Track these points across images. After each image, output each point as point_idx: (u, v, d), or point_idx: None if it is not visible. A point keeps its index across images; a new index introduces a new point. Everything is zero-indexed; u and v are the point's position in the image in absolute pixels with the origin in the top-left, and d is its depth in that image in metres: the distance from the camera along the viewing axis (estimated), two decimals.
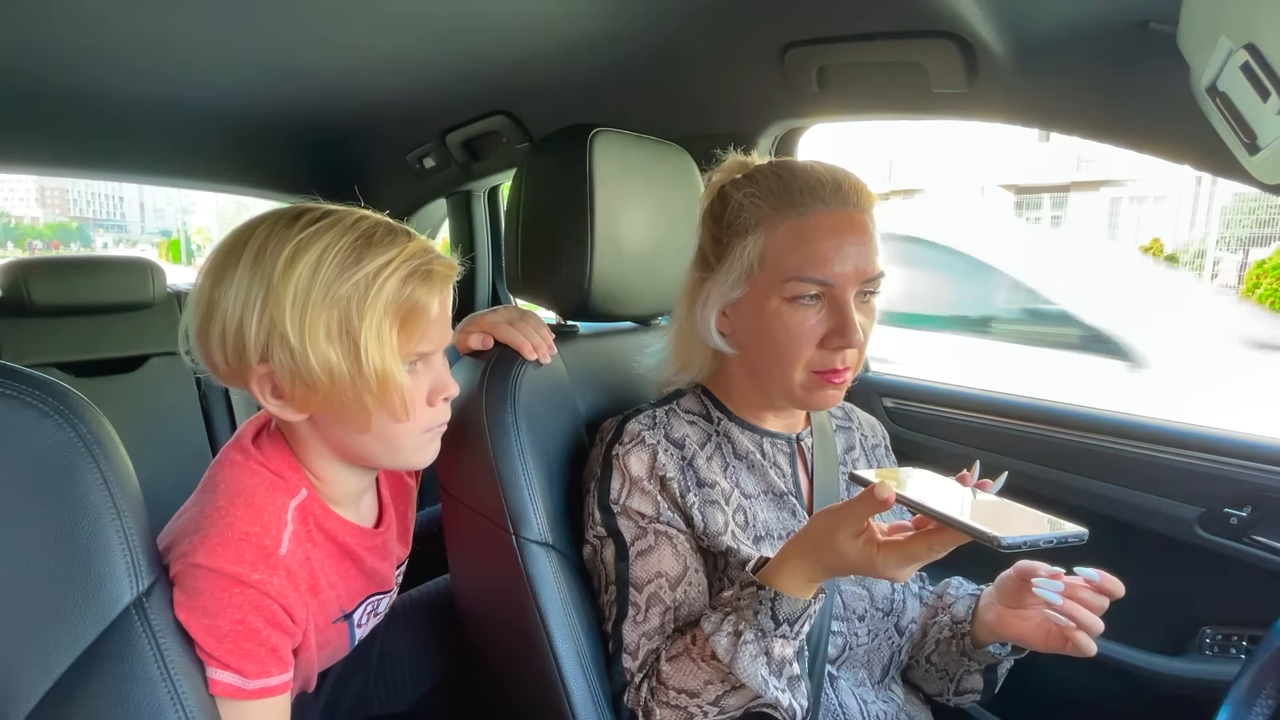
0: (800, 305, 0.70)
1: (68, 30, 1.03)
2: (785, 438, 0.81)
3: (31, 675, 0.47)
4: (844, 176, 0.72)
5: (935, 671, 0.83)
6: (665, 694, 0.67)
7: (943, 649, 0.81)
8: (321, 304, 0.59)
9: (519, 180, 0.90)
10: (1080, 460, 1.07)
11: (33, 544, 0.48)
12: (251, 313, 0.59)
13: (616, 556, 0.73)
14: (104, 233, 46.12)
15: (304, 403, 0.62)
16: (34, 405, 0.50)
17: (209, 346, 0.62)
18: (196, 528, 0.59)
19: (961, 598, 0.82)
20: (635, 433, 0.74)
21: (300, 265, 0.59)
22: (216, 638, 0.57)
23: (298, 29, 1.06)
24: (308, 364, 0.59)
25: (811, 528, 0.61)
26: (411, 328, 0.63)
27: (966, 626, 0.79)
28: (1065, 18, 0.80)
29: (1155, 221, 13.24)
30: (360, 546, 0.73)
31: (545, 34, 1.08)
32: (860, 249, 0.69)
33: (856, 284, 0.70)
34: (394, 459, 0.70)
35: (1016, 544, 0.47)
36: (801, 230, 0.70)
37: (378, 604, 0.80)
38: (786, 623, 0.61)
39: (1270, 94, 0.50)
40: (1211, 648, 0.99)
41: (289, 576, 0.62)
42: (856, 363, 0.73)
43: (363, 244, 0.61)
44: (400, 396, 0.63)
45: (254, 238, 0.61)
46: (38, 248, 33.89)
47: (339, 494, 0.71)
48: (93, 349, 1.59)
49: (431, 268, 0.64)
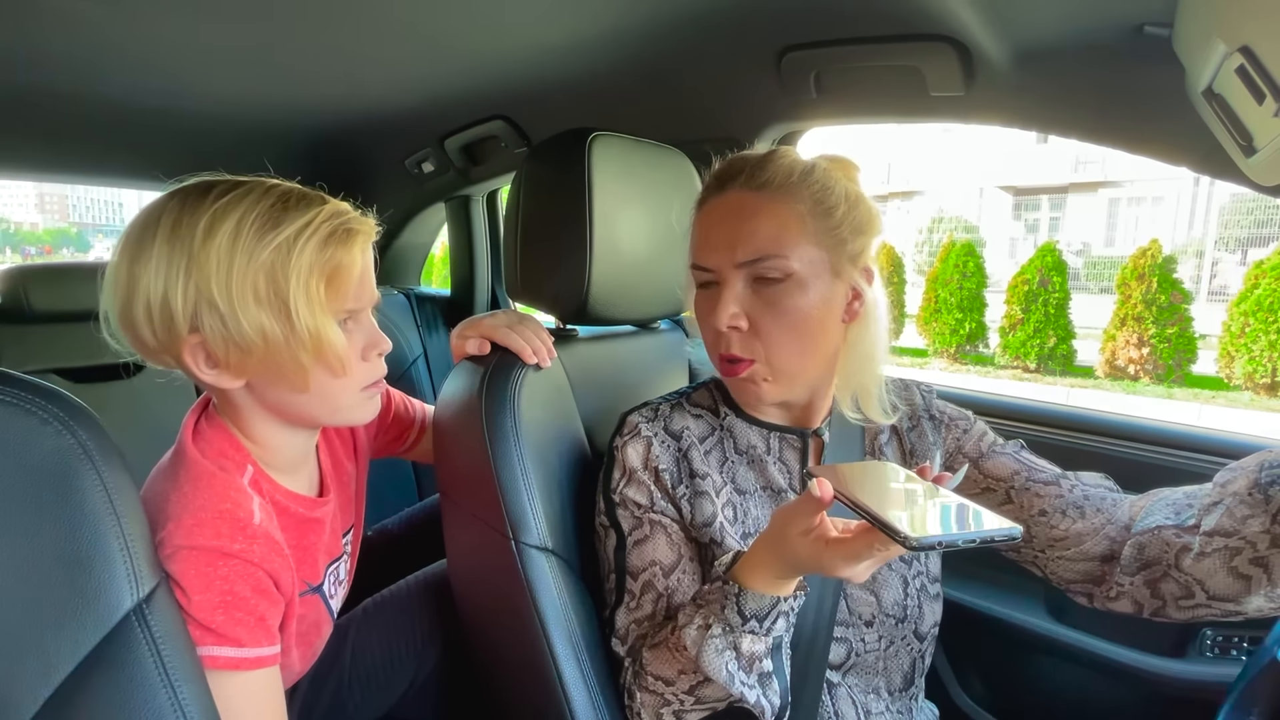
0: (701, 289, 0.73)
1: (66, 37, 1.03)
2: (797, 432, 0.79)
3: (32, 682, 0.47)
4: (744, 159, 0.71)
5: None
6: (645, 679, 0.68)
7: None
8: (246, 269, 0.60)
9: (518, 184, 0.90)
10: (1081, 462, 1.07)
11: (33, 551, 0.48)
12: (175, 284, 0.60)
13: (616, 545, 0.74)
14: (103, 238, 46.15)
15: (240, 368, 0.63)
16: (34, 412, 0.50)
17: (135, 324, 0.62)
18: (166, 517, 0.60)
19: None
20: (634, 425, 0.76)
21: (220, 233, 0.60)
22: (208, 610, 0.58)
23: (296, 36, 1.06)
24: (239, 328, 0.60)
25: (770, 525, 0.61)
26: (337, 286, 0.65)
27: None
28: (1061, 21, 0.80)
29: (1153, 222, 13.26)
30: (311, 515, 0.75)
31: (543, 39, 1.08)
32: (738, 227, 0.68)
33: (734, 265, 0.68)
34: (334, 416, 0.71)
35: (930, 543, 0.46)
36: (698, 219, 0.74)
37: (338, 570, 0.82)
38: (755, 619, 0.61)
39: (1265, 97, 0.50)
40: (1213, 649, 0.99)
41: (268, 542, 0.64)
42: (763, 357, 0.69)
43: (279, 208, 0.62)
44: (335, 353, 0.64)
45: (166, 213, 0.61)
46: (31, 253, 33.91)
47: (282, 461, 0.72)
48: (91, 355, 1.59)
49: (350, 226, 0.65)
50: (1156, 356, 6.98)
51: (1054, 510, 0.72)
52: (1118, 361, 7.21)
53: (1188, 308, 6.87)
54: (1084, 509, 0.71)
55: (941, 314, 8.37)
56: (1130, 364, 7.13)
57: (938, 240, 12.42)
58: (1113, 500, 0.71)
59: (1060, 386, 7.39)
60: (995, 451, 0.79)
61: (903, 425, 0.83)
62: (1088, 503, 0.71)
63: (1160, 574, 0.63)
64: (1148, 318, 6.92)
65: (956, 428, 0.82)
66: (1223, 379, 6.81)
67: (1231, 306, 6.61)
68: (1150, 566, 0.64)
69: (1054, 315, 7.53)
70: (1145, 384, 7.08)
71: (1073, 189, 14.54)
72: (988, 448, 0.80)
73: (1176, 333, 6.88)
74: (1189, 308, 6.88)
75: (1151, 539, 0.64)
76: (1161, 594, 0.64)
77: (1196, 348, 6.97)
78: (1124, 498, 0.72)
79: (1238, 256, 11.48)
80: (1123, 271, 7.12)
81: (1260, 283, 6.30)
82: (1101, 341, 7.35)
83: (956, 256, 8.24)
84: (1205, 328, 7.08)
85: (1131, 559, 0.65)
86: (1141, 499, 0.69)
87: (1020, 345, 7.68)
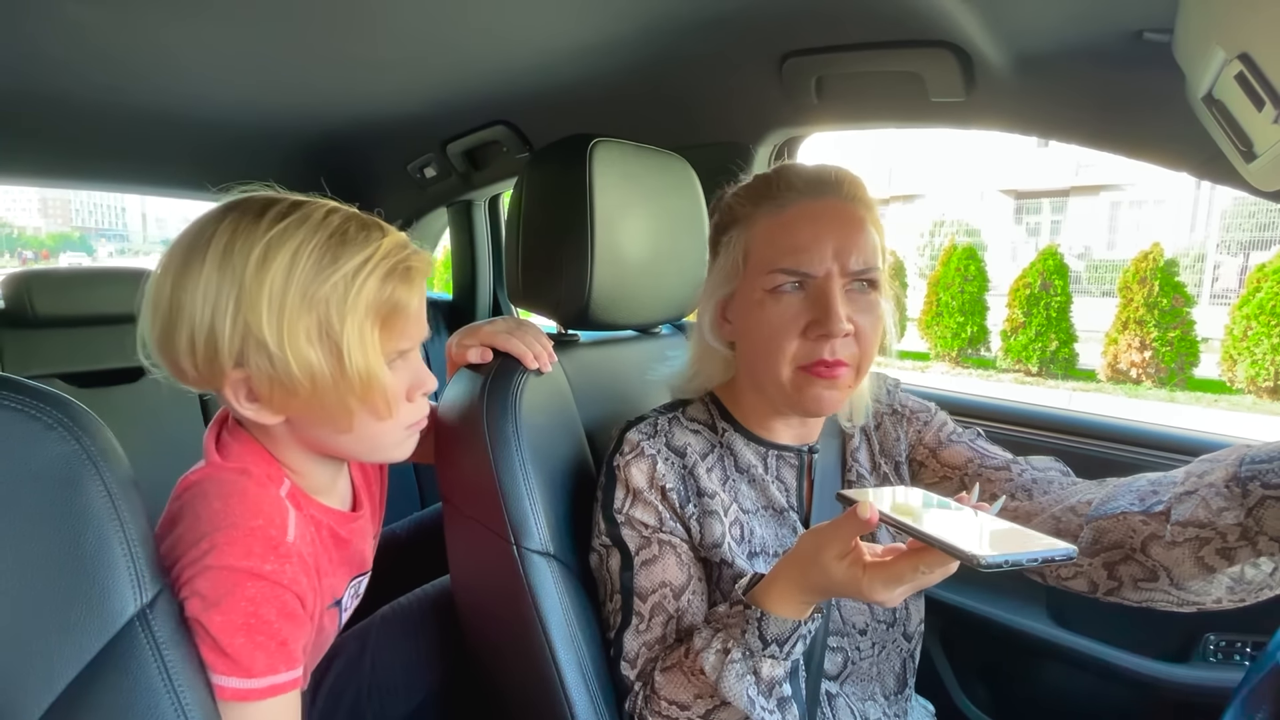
0: (781, 294, 0.69)
1: (69, 44, 1.04)
2: (795, 450, 0.79)
3: (35, 688, 0.47)
4: (829, 170, 0.72)
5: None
6: (658, 704, 0.67)
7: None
8: (300, 307, 0.56)
9: (519, 190, 0.90)
10: (1083, 465, 1.07)
11: (37, 556, 0.48)
12: (224, 316, 0.56)
13: (621, 566, 0.73)
14: (106, 243, 46.29)
15: (282, 406, 0.60)
16: (38, 418, 0.50)
17: (175, 353, 0.58)
18: (198, 535, 0.57)
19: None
20: (635, 443, 0.74)
21: (274, 265, 0.56)
22: (229, 632, 0.55)
23: (299, 41, 1.06)
24: (288, 369, 0.57)
25: (799, 548, 0.60)
26: (393, 326, 0.61)
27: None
28: (1061, 28, 0.81)
29: (1155, 225, 13.24)
30: (344, 531, 0.72)
31: (545, 44, 1.08)
32: (843, 237, 0.68)
33: (841, 273, 0.68)
34: (373, 455, 0.69)
35: (997, 562, 0.46)
36: (779, 222, 0.71)
37: (359, 585, 0.80)
38: (775, 643, 0.61)
39: (1265, 103, 0.50)
40: (1216, 654, 0.98)
41: (300, 563, 0.61)
42: (858, 361, 0.70)
43: (337, 241, 0.59)
44: (384, 396, 0.61)
45: (218, 234, 0.57)
46: (28, 257, 33.96)
47: (315, 484, 0.70)
48: (95, 360, 1.59)
49: (410, 264, 0.62)
50: (1159, 360, 6.97)
51: (1003, 494, 0.73)
52: (1120, 365, 7.20)
53: (1190, 311, 6.87)
54: (1031, 491, 0.72)
55: (943, 318, 8.38)
56: (1132, 367, 7.12)
57: (939, 244, 12.42)
58: (1061, 483, 0.73)
59: (1063, 390, 7.39)
60: (952, 440, 0.81)
61: (869, 426, 0.85)
62: (1035, 486, 0.73)
63: (1121, 557, 0.64)
64: (1150, 321, 6.92)
65: (918, 420, 0.84)
66: (1225, 382, 6.80)
67: (1234, 310, 6.60)
68: (1111, 549, 0.64)
69: (1056, 319, 7.54)
70: (1147, 387, 7.07)
71: (1074, 192, 14.53)
72: (946, 437, 0.82)
73: (1178, 336, 6.88)
74: (1191, 311, 6.87)
75: (1116, 524, 0.64)
76: (1119, 576, 0.64)
77: (1199, 351, 6.96)
78: (1076, 481, 0.73)
79: (1240, 260, 11.46)
80: (1124, 275, 7.12)
81: (1262, 286, 6.29)
82: (1103, 345, 7.35)
83: (958, 260, 8.25)
84: (1208, 331, 7.08)
85: (1091, 541, 0.65)
86: (1095, 484, 0.70)
87: (1022, 349, 7.68)
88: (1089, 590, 0.67)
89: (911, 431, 0.83)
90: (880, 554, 0.56)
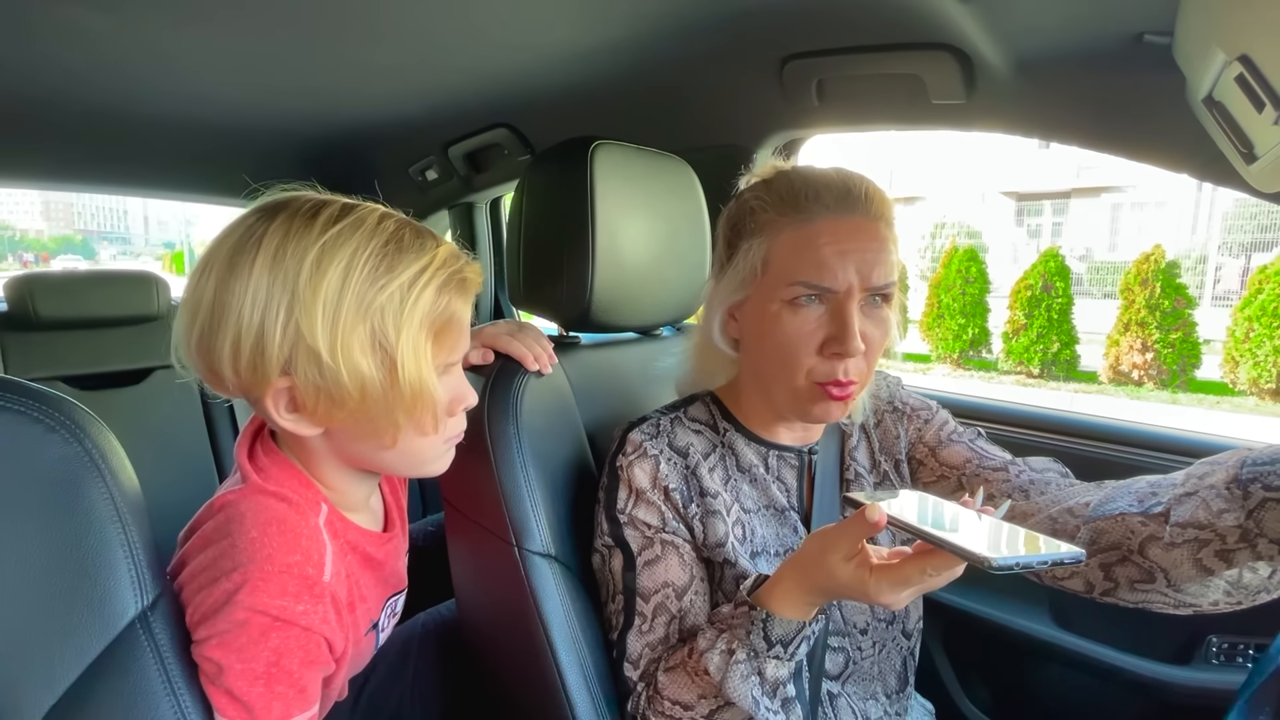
0: (799, 307, 0.69)
1: (70, 48, 1.04)
2: (795, 450, 0.79)
3: (36, 689, 0.47)
4: (856, 182, 0.71)
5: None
6: (661, 704, 0.67)
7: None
8: (355, 315, 0.54)
9: (520, 192, 0.90)
10: (1081, 467, 1.07)
11: (39, 559, 0.48)
12: (274, 322, 0.53)
13: (624, 566, 0.73)
14: (108, 245, 46.40)
15: (325, 418, 0.57)
16: (40, 420, 0.50)
17: (215, 357, 0.55)
18: (232, 565, 0.54)
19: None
20: (638, 443, 0.74)
21: (330, 271, 0.53)
22: (247, 680, 0.54)
23: (300, 44, 1.07)
24: (338, 379, 0.54)
25: (805, 549, 0.60)
26: (444, 338, 0.59)
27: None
28: (1061, 30, 0.81)
29: (1157, 227, 13.23)
30: (380, 553, 0.70)
31: (546, 47, 1.09)
32: (865, 255, 0.68)
33: (859, 291, 0.68)
34: (412, 470, 0.67)
35: (1008, 564, 0.46)
36: (804, 235, 0.69)
37: (396, 604, 0.78)
38: (780, 644, 0.61)
39: (1265, 105, 0.50)
40: (1218, 656, 0.98)
41: (333, 603, 0.59)
42: (864, 376, 0.71)
43: (393, 249, 0.56)
44: (433, 410, 0.59)
45: (269, 235, 0.54)
46: (28, 260, 34.08)
47: (351, 501, 0.67)
48: (97, 362, 1.60)
49: (464, 275, 0.60)
50: (1160, 362, 6.96)
51: (1000, 495, 0.73)
52: (1121, 367, 7.19)
53: (1191, 313, 6.86)
54: (1028, 492, 0.72)
55: (944, 319, 8.37)
56: (1134, 369, 7.11)
57: (940, 246, 12.43)
58: (1059, 484, 0.72)
59: (1064, 392, 7.38)
60: (952, 440, 0.81)
61: (869, 423, 0.85)
62: (1032, 487, 0.73)
63: (1118, 558, 0.63)
64: (1151, 323, 6.92)
65: (919, 418, 0.84)
66: (1227, 384, 6.79)
67: (1236, 311, 6.60)
68: (1108, 550, 0.64)
69: (1057, 320, 7.53)
70: (1149, 389, 7.06)
71: (1075, 194, 14.52)
72: (946, 436, 0.82)
73: (1180, 338, 6.87)
74: (1193, 313, 6.87)
75: (1114, 525, 0.64)
76: (1115, 577, 0.64)
77: (1200, 353, 6.96)
78: (1074, 482, 0.73)
79: (1241, 261, 11.45)
80: (1126, 277, 7.12)
81: (1264, 288, 6.29)
82: (1105, 347, 7.34)
83: (959, 262, 8.25)
84: (1209, 333, 7.07)
85: (1088, 542, 0.65)
86: (1093, 486, 0.70)
87: (1023, 351, 7.68)
88: (1085, 591, 0.67)
89: (912, 429, 0.83)
90: (886, 556, 0.56)
